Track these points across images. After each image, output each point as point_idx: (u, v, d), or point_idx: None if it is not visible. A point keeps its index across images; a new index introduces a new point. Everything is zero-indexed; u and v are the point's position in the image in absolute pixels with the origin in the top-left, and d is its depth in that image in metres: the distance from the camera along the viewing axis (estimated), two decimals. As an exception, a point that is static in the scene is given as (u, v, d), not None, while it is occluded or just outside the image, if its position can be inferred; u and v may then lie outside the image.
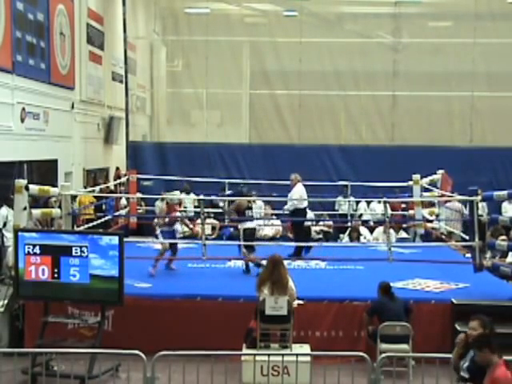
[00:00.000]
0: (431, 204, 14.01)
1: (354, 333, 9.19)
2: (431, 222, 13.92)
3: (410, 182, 13.69)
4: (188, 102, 21.01)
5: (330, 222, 16.15)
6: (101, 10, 19.79)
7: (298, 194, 12.17)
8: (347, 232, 15.21)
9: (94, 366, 7.69)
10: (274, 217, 16.26)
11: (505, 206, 15.82)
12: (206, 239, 11.14)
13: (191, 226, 12.67)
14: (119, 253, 8.07)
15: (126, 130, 19.18)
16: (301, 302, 8.75)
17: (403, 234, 14.91)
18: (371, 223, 15.78)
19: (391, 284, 9.05)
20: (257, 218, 16.57)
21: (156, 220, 11.96)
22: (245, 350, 8.22)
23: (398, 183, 14.41)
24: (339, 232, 16.13)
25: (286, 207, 12.74)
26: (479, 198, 10.19)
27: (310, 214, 15.55)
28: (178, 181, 16.94)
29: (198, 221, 11.74)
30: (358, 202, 16.46)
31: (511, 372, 5.56)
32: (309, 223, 13.73)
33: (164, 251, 11.20)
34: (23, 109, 14.59)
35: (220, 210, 16.32)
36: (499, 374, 5.58)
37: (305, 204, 12.35)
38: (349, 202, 15.36)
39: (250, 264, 11.10)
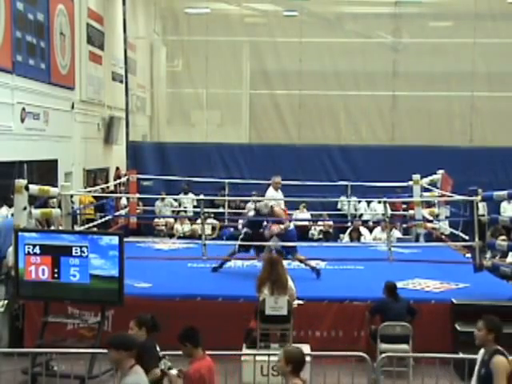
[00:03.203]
0: (431, 204, 14.01)
1: (353, 333, 9.19)
2: (431, 221, 13.92)
3: (410, 182, 13.69)
4: (188, 101, 21.02)
5: (330, 222, 16.16)
6: (101, 10, 19.79)
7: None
8: (347, 232, 15.22)
9: (94, 365, 7.68)
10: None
11: (504, 205, 15.83)
12: (206, 239, 11.14)
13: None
14: (119, 253, 8.07)
15: (126, 129, 19.19)
16: (301, 301, 8.75)
17: (398, 234, 14.89)
18: (371, 223, 15.79)
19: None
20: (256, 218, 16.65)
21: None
22: (245, 350, 8.22)
23: (398, 183, 14.41)
24: (339, 232, 16.14)
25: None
26: (479, 197, 10.19)
27: (307, 215, 15.58)
28: (178, 181, 16.97)
29: (198, 221, 11.75)
30: (358, 202, 16.48)
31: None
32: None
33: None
34: (23, 109, 14.59)
35: (220, 210, 16.34)
36: None
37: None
38: (349, 201, 15.36)
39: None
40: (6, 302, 9.43)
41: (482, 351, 5.52)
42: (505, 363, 5.26)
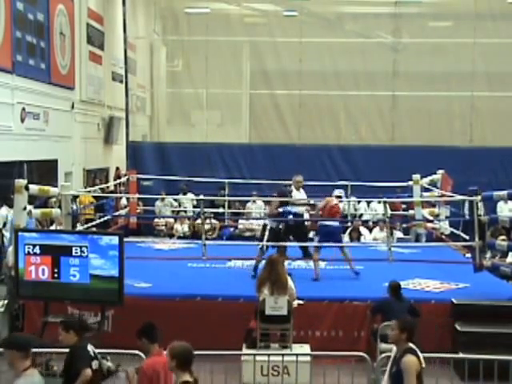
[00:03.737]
0: (432, 204, 14.01)
1: (354, 333, 9.19)
2: (431, 221, 13.92)
3: (410, 182, 13.69)
4: (188, 101, 21.02)
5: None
6: (101, 10, 19.79)
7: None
8: (347, 232, 15.21)
9: (94, 365, 7.68)
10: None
11: (500, 205, 15.82)
12: (206, 239, 11.13)
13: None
14: (119, 253, 8.07)
15: (126, 130, 19.19)
16: (301, 301, 8.75)
17: (400, 235, 14.89)
18: (370, 223, 15.78)
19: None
20: (257, 218, 16.67)
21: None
22: (245, 350, 8.22)
23: (398, 183, 14.41)
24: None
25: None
26: (479, 197, 10.20)
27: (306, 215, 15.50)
28: (178, 181, 16.96)
29: (198, 221, 11.75)
30: (358, 202, 16.47)
31: None
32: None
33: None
34: (23, 109, 14.59)
35: (220, 210, 16.33)
36: None
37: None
38: (349, 201, 15.35)
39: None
40: (6, 301, 9.44)
41: (394, 349, 5.58)
42: (415, 362, 5.32)
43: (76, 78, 17.87)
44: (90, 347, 6.13)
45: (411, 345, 5.42)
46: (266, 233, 10.96)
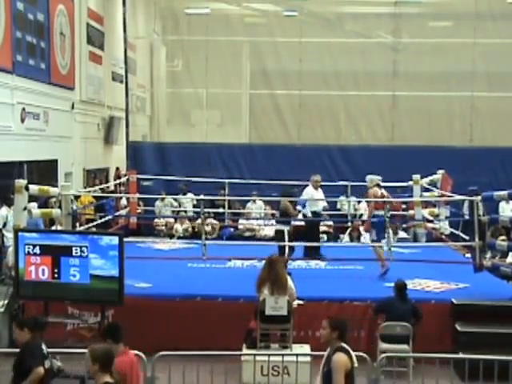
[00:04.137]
0: (432, 204, 14.01)
1: (354, 333, 9.18)
2: (431, 221, 13.92)
3: (410, 182, 13.69)
4: (188, 102, 21.02)
5: (330, 222, 16.15)
6: (101, 10, 19.78)
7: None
8: (347, 232, 15.22)
9: (94, 366, 7.67)
10: (274, 217, 16.26)
11: (502, 205, 15.83)
12: (206, 239, 11.13)
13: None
14: (119, 253, 8.06)
15: (126, 129, 19.19)
16: (301, 302, 8.75)
17: (404, 235, 14.90)
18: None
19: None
20: (257, 218, 16.69)
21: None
22: (245, 350, 8.22)
23: (398, 183, 14.40)
24: (339, 232, 16.12)
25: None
26: (479, 197, 10.20)
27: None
28: (178, 181, 16.96)
29: (198, 221, 11.75)
30: (358, 202, 16.46)
31: None
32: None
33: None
34: (23, 109, 14.59)
35: (220, 210, 16.34)
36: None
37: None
38: (349, 201, 15.35)
39: None
40: (6, 301, 9.44)
41: (328, 349, 5.57)
42: (344, 360, 5.34)
43: (76, 78, 17.86)
44: (43, 346, 6.15)
45: (343, 344, 5.43)
46: (286, 235, 10.99)
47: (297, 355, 7.48)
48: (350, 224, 15.29)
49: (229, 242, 14.71)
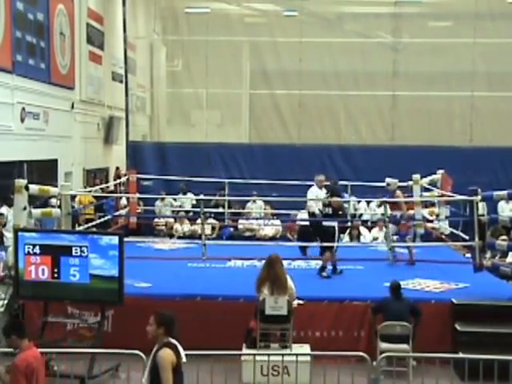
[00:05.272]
0: (431, 204, 14.01)
1: (354, 333, 9.19)
2: (431, 221, 13.92)
3: (410, 182, 13.69)
4: (188, 102, 21.00)
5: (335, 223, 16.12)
6: (101, 10, 19.79)
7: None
8: (347, 232, 15.21)
9: (94, 365, 7.68)
10: (274, 217, 16.28)
11: (501, 205, 15.84)
12: (206, 239, 11.13)
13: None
14: (119, 253, 8.07)
15: (126, 129, 19.17)
16: (301, 301, 8.75)
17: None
18: (369, 223, 15.79)
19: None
20: (257, 218, 16.68)
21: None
22: (245, 350, 8.22)
23: (397, 183, 14.39)
24: (339, 232, 16.10)
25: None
26: (479, 197, 10.20)
27: (305, 215, 15.52)
28: (178, 181, 16.96)
29: (198, 220, 11.75)
30: (358, 202, 16.47)
31: None
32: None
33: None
34: (23, 109, 14.59)
35: (220, 210, 16.34)
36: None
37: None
38: (349, 201, 15.35)
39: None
40: (6, 301, 9.43)
41: (156, 345, 5.57)
42: (169, 355, 5.36)
43: (76, 78, 17.88)
44: None
45: (171, 339, 5.46)
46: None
47: (297, 355, 7.48)
48: (349, 224, 15.28)
49: (229, 242, 14.70)
